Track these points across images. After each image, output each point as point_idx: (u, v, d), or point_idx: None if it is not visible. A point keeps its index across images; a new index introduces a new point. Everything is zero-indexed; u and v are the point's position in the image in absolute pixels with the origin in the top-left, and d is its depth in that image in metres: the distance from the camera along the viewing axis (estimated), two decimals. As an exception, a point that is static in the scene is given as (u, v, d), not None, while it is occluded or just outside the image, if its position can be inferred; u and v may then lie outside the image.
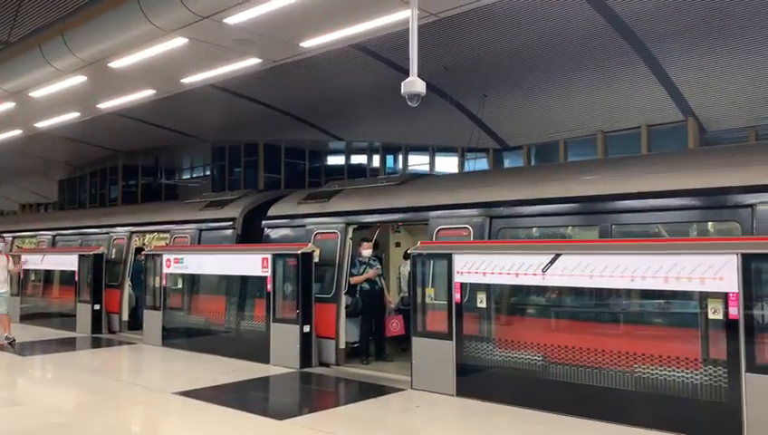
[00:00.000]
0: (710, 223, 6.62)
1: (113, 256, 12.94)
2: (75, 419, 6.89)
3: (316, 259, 9.04)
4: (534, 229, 7.73)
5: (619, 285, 6.14)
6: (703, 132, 14.06)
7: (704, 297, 5.69)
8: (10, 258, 11.68)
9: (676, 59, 12.34)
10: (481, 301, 7.18)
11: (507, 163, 18.09)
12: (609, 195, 7.03)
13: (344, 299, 9.16)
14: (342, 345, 9.09)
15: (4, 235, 13.02)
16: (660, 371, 5.85)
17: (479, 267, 7.00)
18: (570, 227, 7.58)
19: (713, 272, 5.56)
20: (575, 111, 15.09)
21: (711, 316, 5.65)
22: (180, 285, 10.95)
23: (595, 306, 6.67)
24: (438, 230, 8.30)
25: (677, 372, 5.76)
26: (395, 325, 9.36)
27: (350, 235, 9.40)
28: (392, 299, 9.93)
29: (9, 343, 10.62)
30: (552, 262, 6.48)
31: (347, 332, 9.18)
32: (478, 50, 13.05)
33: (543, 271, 6.53)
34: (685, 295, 5.91)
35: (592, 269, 6.23)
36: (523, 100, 15.19)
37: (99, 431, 6.30)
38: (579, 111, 15.06)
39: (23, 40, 9.67)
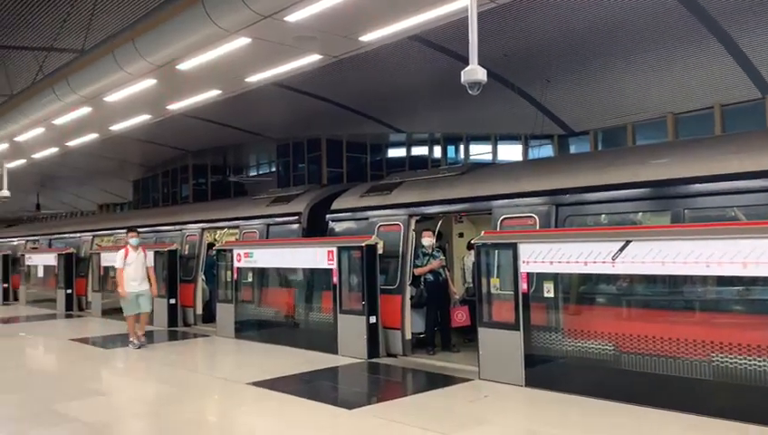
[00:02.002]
0: (792, 205, 6.28)
1: (186, 252, 13.40)
2: (157, 408, 7.22)
3: (380, 251, 9.11)
4: (603, 216, 7.54)
5: (694, 271, 5.92)
6: (783, 110, 13.35)
7: (786, 283, 5.43)
8: (148, 254, 10.90)
9: (751, 34, 11.75)
10: (548, 290, 7.07)
11: (573, 149, 17.71)
12: (682, 178, 6.78)
13: (409, 290, 9.20)
14: (408, 336, 9.14)
15: (138, 229, 11.85)
16: (739, 360, 5.62)
17: (546, 256, 6.89)
18: (640, 214, 7.36)
19: (796, 256, 5.29)
20: (643, 93, 14.60)
21: (795, 303, 5.38)
22: (251, 279, 11.25)
23: (668, 294, 6.46)
24: (503, 220, 8.22)
25: (758, 361, 5.52)
26: (460, 316, 9.33)
27: (412, 226, 9.42)
28: (456, 290, 9.91)
29: (139, 346, 10.26)
30: (622, 249, 6.31)
31: (412, 323, 9.23)
32: (540, 35, 12.80)
33: (613, 259, 6.37)
34: (765, 281, 5.64)
35: (665, 256, 6.02)
36: (589, 83, 14.80)
37: (180, 420, 6.59)
38: (647, 92, 14.56)
39: (96, 47, 10.10)
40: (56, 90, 10.79)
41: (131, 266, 10.35)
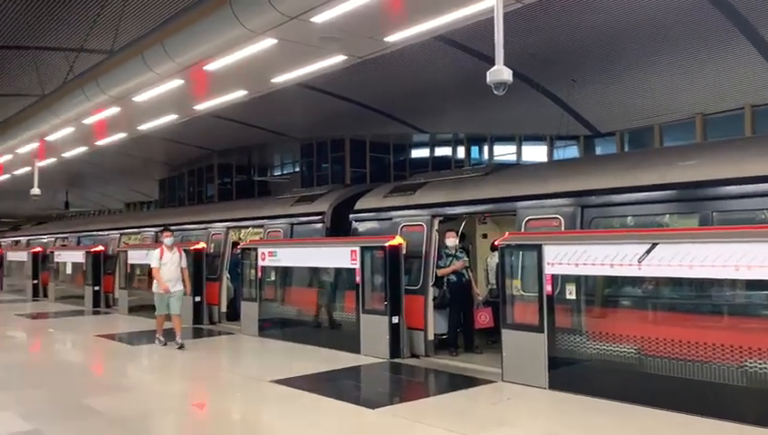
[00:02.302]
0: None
1: (212, 251, 13.52)
2: (182, 404, 7.32)
3: (403, 251, 9.11)
4: (629, 218, 7.46)
5: (722, 274, 5.83)
6: (815, 111, 13.06)
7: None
8: (183, 254, 10.63)
9: (784, 33, 11.52)
10: (573, 292, 7.02)
11: (599, 150, 17.52)
12: (710, 181, 6.68)
13: (432, 291, 9.19)
14: (431, 337, 9.14)
15: (172, 228, 11.34)
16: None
17: (571, 258, 6.84)
18: (667, 216, 7.27)
19: (829, 260, 5.18)
20: (672, 93, 14.40)
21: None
22: (274, 278, 11.33)
23: (695, 298, 6.37)
24: (527, 221, 8.17)
25: (789, 367, 5.42)
26: (483, 317, 9.30)
27: (435, 227, 9.41)
28: (480, 291, 9.87)
29: (179, 348, 9.91)
30: (648, 252, 6.24)
31: (435, 323, 9.21)
32: (566, 34, 12.70)
33: (639, 261, 6.30)
34: (797, 286, 5.54)
35: (692, 259, 5.94)
36: (615, 83, 14.64)
37: (204, 417, 6.68)
38: (676, 93, 14.35)
39: (125, 48, 10.27)
40: (86, 90, 10.99)
41: (166, 266, 10.22)
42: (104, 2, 11.94)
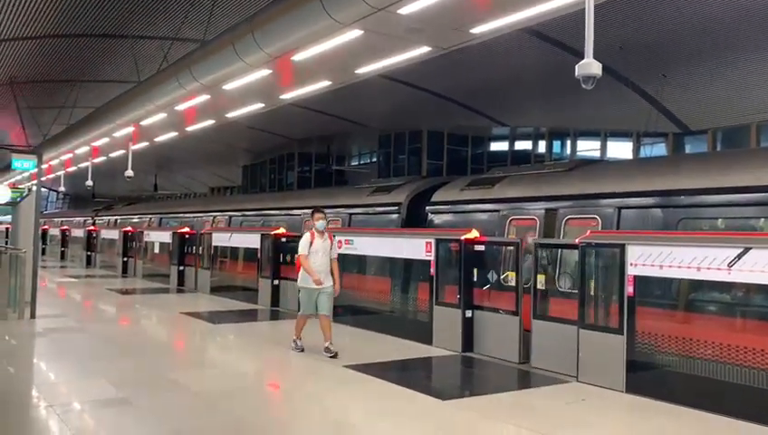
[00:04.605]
0: None
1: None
2: (259, 383, 7.62)
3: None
4: (720, 221, 7.14)
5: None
6: None
7: None
8: (334, 240, 8.89)
9: None
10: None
11: (688, 149, 16.78)
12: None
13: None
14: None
15: (325, 209, 9.38)
16: None
17: (656, 260, 6.62)
18: (762, 219, 6.90)
19: None
20: (771, 90, 13.59)
21: None
22: (350, 265, 11.50)
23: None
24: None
25: None
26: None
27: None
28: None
29: (331, 356, 8.31)
30: (739, 256, 5.95)
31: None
32: (658, 27, 12.21)
33: (729, 266, 6.02)
34: None
35: (789, 266, 5.63)
36: (709, 79, 13.95)
37: (279, 395, 6.92)
38: (776, 90, 13.54)
39: (217, 38, 10.65)
40: (179, 78, 11.48)
41: (317, 256, 8.45)
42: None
